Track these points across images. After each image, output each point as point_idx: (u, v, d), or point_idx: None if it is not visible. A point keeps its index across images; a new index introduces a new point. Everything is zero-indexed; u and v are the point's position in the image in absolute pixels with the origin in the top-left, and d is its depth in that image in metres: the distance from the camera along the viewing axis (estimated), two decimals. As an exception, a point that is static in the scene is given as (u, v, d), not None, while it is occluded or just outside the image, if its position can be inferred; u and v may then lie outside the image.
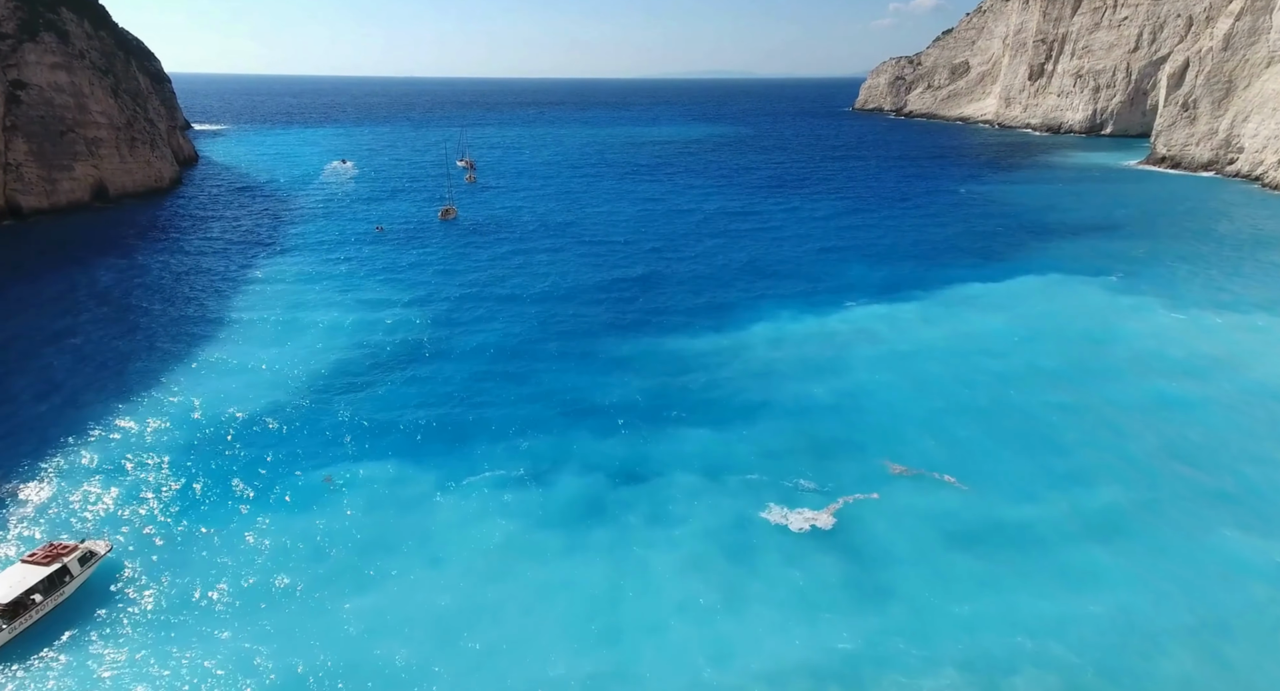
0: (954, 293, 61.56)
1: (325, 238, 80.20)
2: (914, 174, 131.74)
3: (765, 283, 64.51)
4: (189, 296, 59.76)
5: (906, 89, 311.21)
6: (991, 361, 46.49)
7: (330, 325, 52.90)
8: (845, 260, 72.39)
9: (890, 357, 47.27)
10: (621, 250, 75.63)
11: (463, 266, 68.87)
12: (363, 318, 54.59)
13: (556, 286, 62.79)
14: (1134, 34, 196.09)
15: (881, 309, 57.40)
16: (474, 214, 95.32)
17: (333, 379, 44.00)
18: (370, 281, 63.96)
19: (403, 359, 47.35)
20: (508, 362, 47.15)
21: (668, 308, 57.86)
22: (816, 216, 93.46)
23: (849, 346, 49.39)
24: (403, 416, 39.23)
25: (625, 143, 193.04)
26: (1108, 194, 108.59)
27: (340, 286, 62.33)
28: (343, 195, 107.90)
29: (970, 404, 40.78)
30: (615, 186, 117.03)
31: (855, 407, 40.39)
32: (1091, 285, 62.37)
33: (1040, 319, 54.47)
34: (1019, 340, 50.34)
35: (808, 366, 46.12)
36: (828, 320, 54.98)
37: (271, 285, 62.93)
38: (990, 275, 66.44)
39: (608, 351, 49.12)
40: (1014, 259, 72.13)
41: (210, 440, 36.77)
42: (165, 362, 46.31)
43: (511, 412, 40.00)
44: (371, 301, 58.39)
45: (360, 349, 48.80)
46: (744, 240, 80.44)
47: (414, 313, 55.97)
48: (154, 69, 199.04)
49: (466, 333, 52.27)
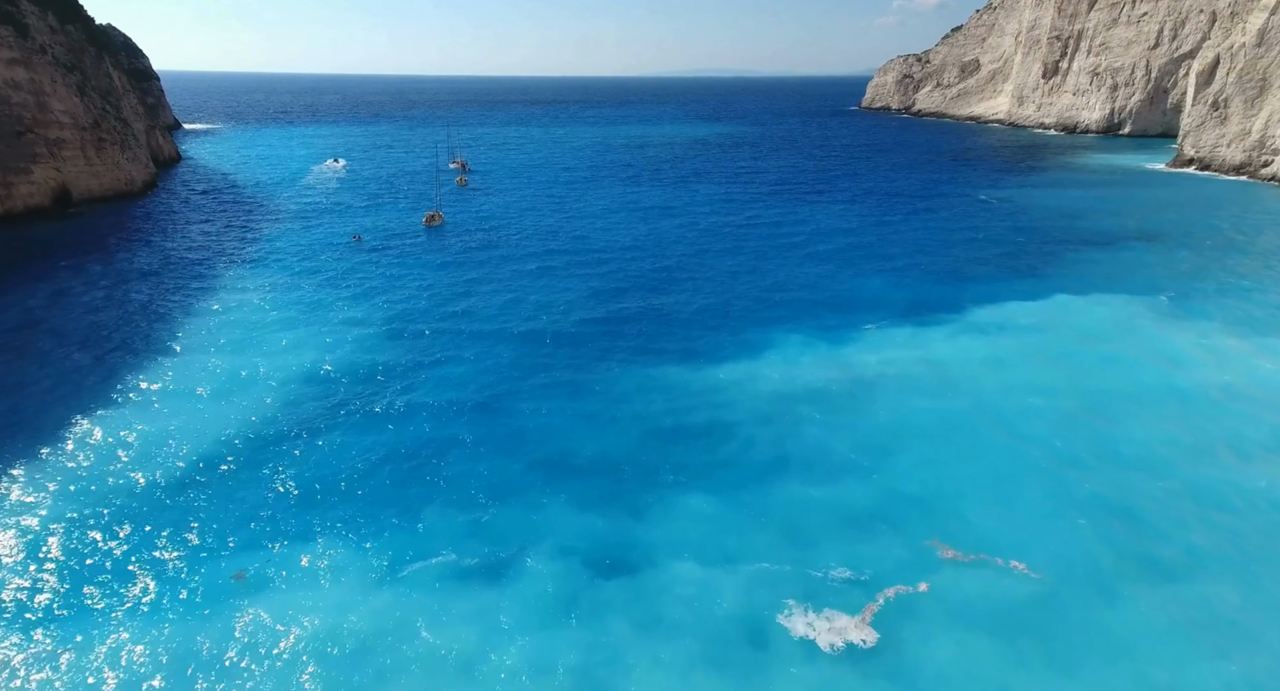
0: (986, 314, 55.08)
1: (298, 248, 74.00)
2: (929, 177, 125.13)
3: (774, 301, 58.11)
4: (132, 320, 53.54)
5: (914, 87, 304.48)
6: (1045, 404, 39.85)
7: (285, 355, 46.66)
8: (861, 274, 65.95)
9: (923, 397, 40.79)
10: (618, 263, 69.16)
11: (443, 283, 62.54)
12: (324, 345, 48.32)
13: (545, 306, 56.44)
14: (1154, 30, 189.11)
15: (906, 334, 50.95)
16: (462, 220, 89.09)
17: (275, 425, 37.70)
18: (339, 300, 57.69)
19: (361, 397, 41.09)
20: (481, 401, 40.84)
21: (666, 332, 51.48)
22: (829, 224, 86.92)
23: (872, 383, 42.94)
24: (347, 478, 32.90)
25: (627, 143, 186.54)
26: (1138, 199, 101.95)
27: (305, 306, 56.09)
28: (325, 198, 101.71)
29: (1029, 462, 34.08)
30: (615, 190, 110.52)
31: (887, 465, 33.92)
32: (1140, 306, 55.80)
33: (1090, 349, 47.88)
34: (1071, 375, 43.67)
35: (826, 409, 39.68)
36: (846, 348, 48.56)
37: (228, 305, 56.72)
38: (1023, 292, 59.96)
39: (596, 387, 42.81)
40: (1047, 274, 65.63)
41: (101, 515, 30.16)
42: (77, 404, 39.92)
43: (478, 470, 33.69)
44: (336, 324, 52.14)
45: (314, 384, 42.55)
46: (751, 251, 73.95)
47: (382, 339, 49.70)
48: (140, 66, 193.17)
49: (439, 363, 46.00)
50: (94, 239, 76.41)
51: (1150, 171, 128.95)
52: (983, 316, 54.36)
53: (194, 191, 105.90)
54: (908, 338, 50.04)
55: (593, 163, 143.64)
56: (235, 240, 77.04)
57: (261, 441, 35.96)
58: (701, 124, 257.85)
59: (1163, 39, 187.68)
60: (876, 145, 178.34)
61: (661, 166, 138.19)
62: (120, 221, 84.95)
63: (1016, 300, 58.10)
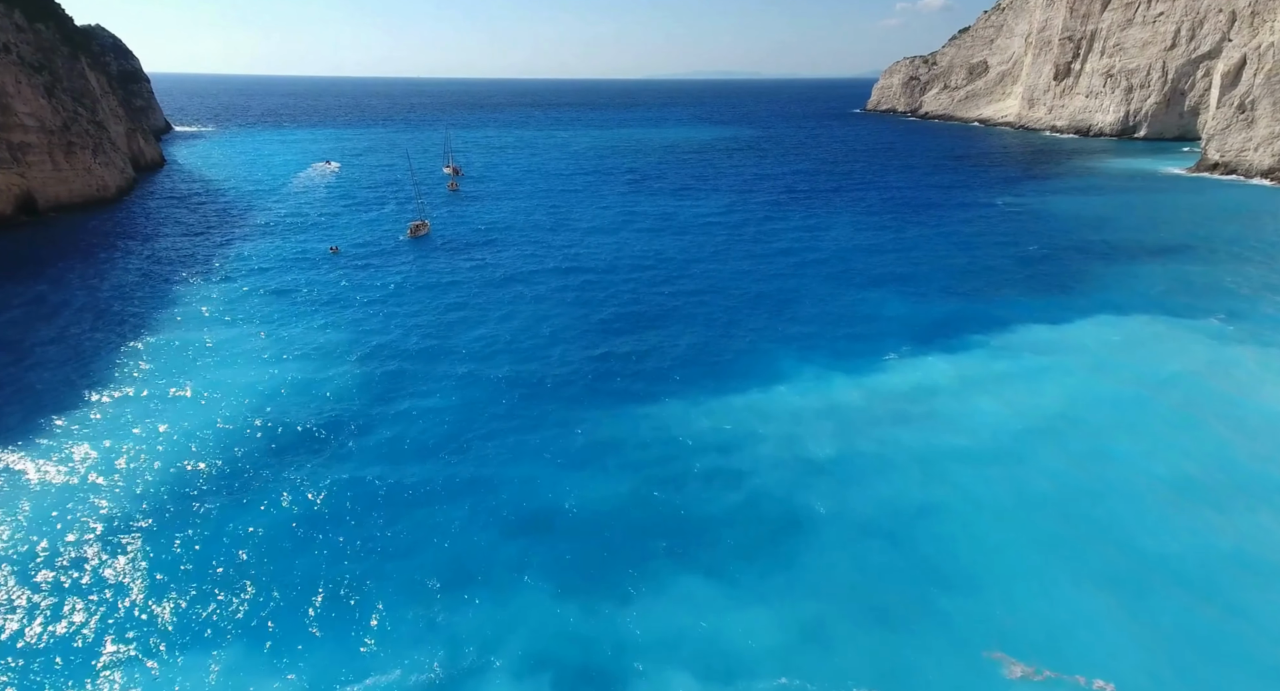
0: (1020, 339, 49.63)
1: (270, 262, 68.78)
2: (943, 182, 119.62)
3: (786, 324, 52.72)
4: (78, 342, 48.36)
5: (921, 89, 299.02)
6: (1113, 464, 34.12)
7: (234, 391, 41.39)
8: (878, 292, 60.53)
9: (960, 446, 35.39)
10: (615, 281, 63.61)
11: (419, 303, 57.18)
12: (279, 379, 43.06)
13: (530, 332, 51.07)
14: (1171, 31, 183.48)
15: (932, 363, 45.52)
16: (450, 230, 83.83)
17: (206, 482, 32.44)
18: (304, 324, 52.40)
19: (310, 445, 35.82)
20: (451, 449, 35.55)
21: (666, 361, 46.09)
22: (842, 235, 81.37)
23: (899, 425, 37.54)
24: (271, 559, 27.47)
25: (631, 146, 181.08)
26: (1166, 206, 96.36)
27: (266, 331, 50.81)
28: (307, 205, 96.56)
29: (1102, 541, 28.53)
30: (616, 198, 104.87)
31: (923, 538, 28.49)
32: (1192, 331, 50.28)
33: (1145, 384, 42.28)
34: (1139, 424, 37.77)
35: (846, 458, 34.29)
36: (865, 380, 43.16)
37: (182, 328, 51.52)
38: (1059, 314, 54.48)
39: (582, 429, 37.48)
40: (1081, 292, 60.15)
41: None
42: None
43: (438, 543, 28.37)
44: (297, 354, 46.84)
45: (260, 430, 37.26)
46: (759, 266, 68.44)
47: (345, 370, 44.41)
48: (129, 68, 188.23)
49: (406, 400, 40.71)
50: (52, 251, 71.32)
51: (1172, 176, 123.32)
52: (1017, 342, 48.91)
53: (172, 198, 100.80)
54: (935, 369, 44.60)
55: (593, 168, 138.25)
56: (205, 252, 71.86)
57: (189, 506, 30.68)
58: (706, 127, 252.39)
59: (1180, 39, 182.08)
60: (885, 149, 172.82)
61: (665, 172, 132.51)
62: (86, 231, 79.85)
63: (1052, 322, 52.64)
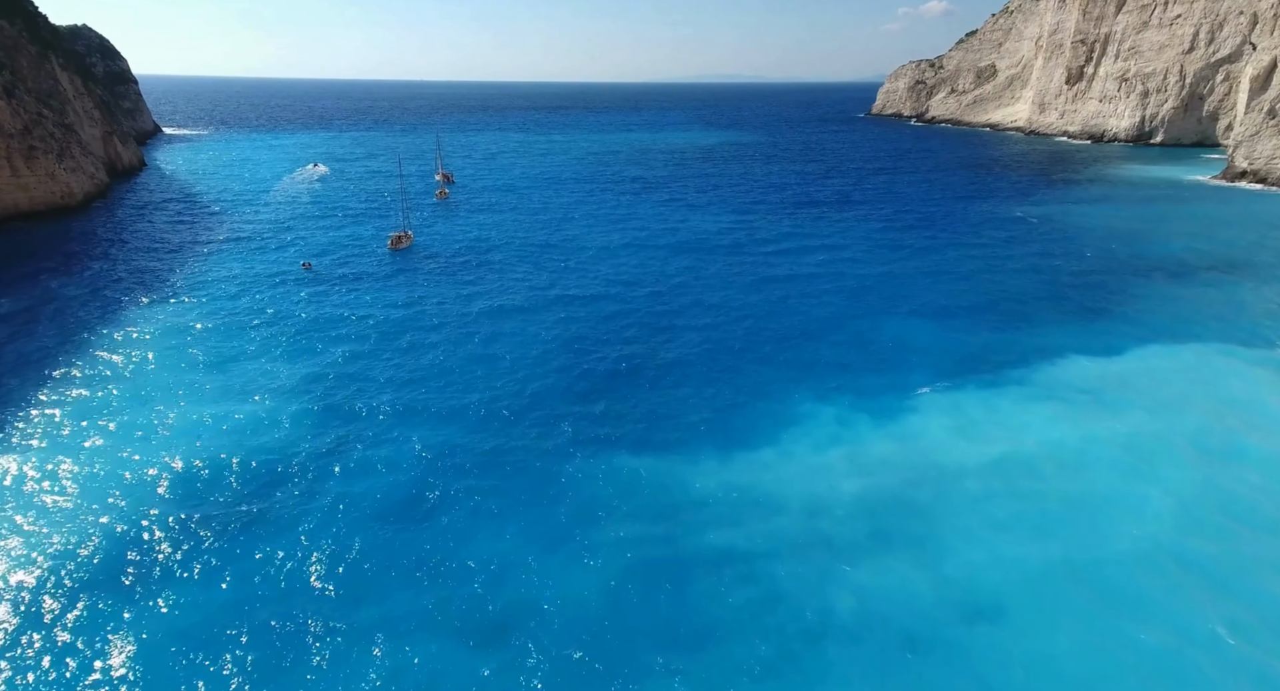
0: (1064, 374, 43.92)
1: (235, 279, 63.21)
2: (958, 192, 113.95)
3: (798, 355, 47.01)
4: (6, 377, 42.86)
5: (928, 94, 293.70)
6: (1203, 522, 28.68)
7: (159, 440, 35.77)
8: (901, 317, 54.83)
9: (1014, 518, 29.68)
10: (612, 306, 57.29)
11: (390, 333, 50.81)
12: (216, 424, 37.43)
13: (510, 368, 45.18)
14: (1188, 33, 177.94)
15: (969, 406, 39.84)
16: (435, 242, 78.25)
17: (98, 566, 26.88)
18: (258, 355, 46.65)
19: (238, 513, 30.24)
20: (407, 517, 29.95)
21: (665, 403, 40.28)
22: (857, 252, 75.36)
23: (937, 488, 31.83)
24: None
25: (634, 151, 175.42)
26: (1197, 218, 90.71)
27: (213, 363, 45.10)
28: (287, 214, 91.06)
29: (1209, 658, 22.92)
30: (616, 208, 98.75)
31: (985, 658, 22.84)
32: (1259, 366, 44.59)
33: (1218, 431, 36.69)
34: (1216, 476, 32.43)
35: (879, 537, 28.59)
36: (893, 426, 37.51)
37: (127, 357, 45.95)
38: (1103, 343, 48.75)
39: (565, 492, 31.84)
40: (1125, 316, 54.49)
41: None
42: None
43: (377, 662, 22.76)
44: (245, 393, 41.14)
45: (180, 491, 31.64)
46: (770, 288, 62.12)
47: (295, 413, 38.73)
48: (116, 69, 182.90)
49: (361, 450, 35.10)
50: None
51: (1197, 185, 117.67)
52: (1062, 378, 43.20)
53: (144, 206, 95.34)
54: (974, 413, 38.90)
55: (593, 175, 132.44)
56: (165, 268, 66.33)
57: (50, 597, 25.08)
58: (711, 131, 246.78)
59: (1198, 43, 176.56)
60: (895, 155, 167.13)
61: (668, 180, 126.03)
62: (40, 242, 74.31)
63: (1097, 353, 46.94)
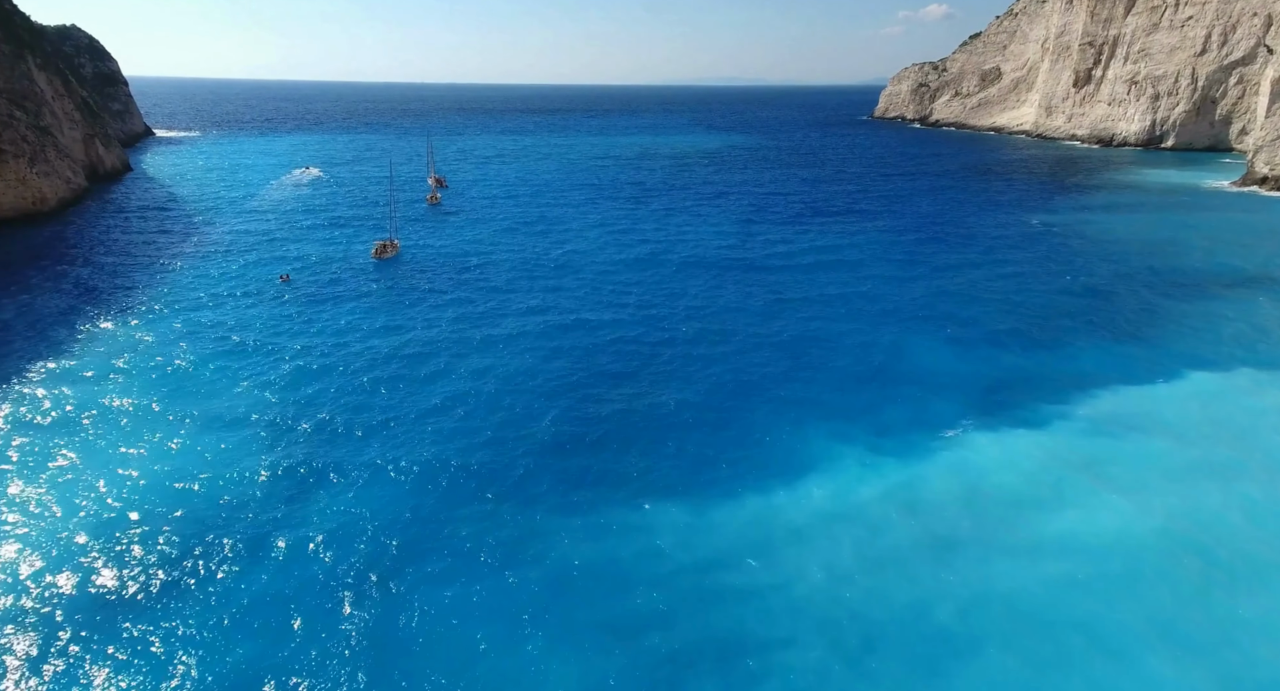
0: (1106, 406, 39.80)
1: (206, 293, 59.18)
2: (969, 198, 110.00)
3: (810, 386, 42.84)
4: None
5: (931, 96, 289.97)
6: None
7: (105, 477, 31.82)
8: (921, 337, 50.72)
9: (1074, 586, 25.63)
10: (607, 327, 52.68)
11: (362, 358, 46.06)
12: (161, 465, 33.29)
13: (494, 399, 40.75)
14: (1200, 35, 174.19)
15: (1004, 444, 35.73)
16: (422, 252, 74.25)
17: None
18: (218, 382, 42.56)
19: (169, 580, 26.23)
20: (359, 590, 25.90)
21: (662, 446, 36.06)
22: (869, 264, 70.91)
23: (979, 552, 27.76)
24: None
25: (635, 154, 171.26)
26: (1222, 227, 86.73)
27: (167, 391, 40.92)
28: (270, 220, 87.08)
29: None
30: (615, 216, 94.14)
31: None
32: (1320, 396, 40.68)
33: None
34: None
35: (914, 620, 24.52)
36: (919, 470, 33.43)
37: (80, 379, 41.93)
38: (1144, 369, 44.66)
39: (546, 553, 27.79)
40: (1163, 339, 50.41)
41: None
42: None
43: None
44: (199, 425, 37.02)
45: (107, 550, 27.66)
46: (777, 307, 57.42)
47: (250, 452, 34.66)
48: (106, 70, 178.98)
49: (319, 498, 31.05)
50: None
51: (1217, 191, 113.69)
52: (1104, 411, 39.14)
53: (122, 211, 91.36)
54: (1011, 453, 34.83)
55: (591, 180, 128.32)
56: (132, 279, 62.34)
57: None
58: (712, 134, 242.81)
59: (1210, 45, 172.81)
60: (901, 159, 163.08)
61: (669, 185, 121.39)
62: (6, 250, 70.35)
63: (1139, 380, 42.92)
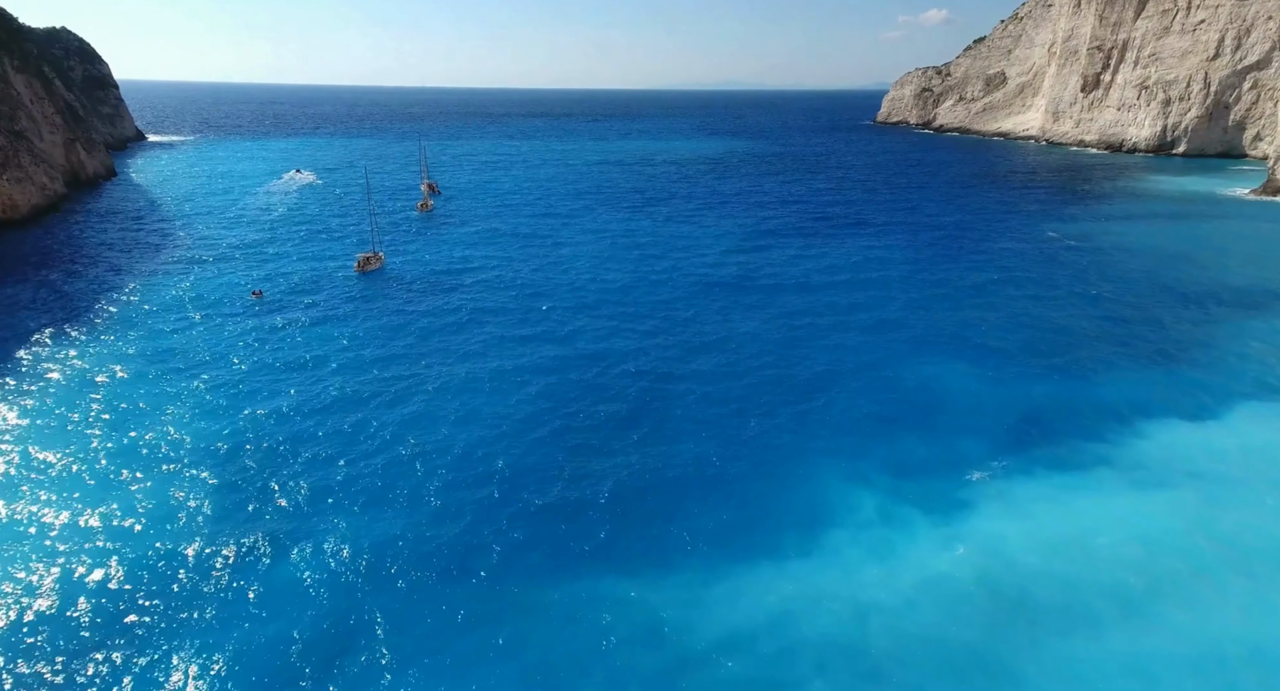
0: (1154, 444, 35.73)
1: (171, 311, 55.21)
2: (980, 207, 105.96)
3: (823, 421, 38.65)
4: None
5: (935, 101, 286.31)
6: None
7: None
8: (941, 362, 46.56)
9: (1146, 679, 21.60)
10: (606, 360, 47.76)
11: (332, 392, 41.33)
12: (87, 525, 29.41)
13: (478, 450, 36.09)
14: (1213, 39, 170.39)
15: (1043, 490, 31.68)
16: (408, 266, 70.21)
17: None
18: (166, 419, 38.34)
19: (96, 652, 22.24)
20: (304, 666, 21.91)
21: (663, 499, 31.93)
22: (880, 279, 66.22)
23: (1024, 633, 23.75)
24: None
25: (637, 160, 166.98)
26: (1247, 239, 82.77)
27: (105, 431, 36.81)
28: (253, 229, 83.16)
29: None
30: (615, 227, 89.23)
31: None
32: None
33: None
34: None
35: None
36: (953, 526, 29.36)
37: (14, 413, 37.95)
38: (1194, 402, 40.30)
39: (526, 637, 23.77)
40: (1205, 361, 46.34)
41: None
42: None
43: None
44: (136, 473, 32.94)
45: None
46: (786, 328, 53.19)
47: (192, 505, 30.61)
48: (96, 73, 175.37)
49: (269, 564, 27.05)
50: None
51: (1235, 200, 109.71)
52: (1152, 450, 35.06)
53: (99, 220, 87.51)
54: (1050, 501, 30.77)
55: (592, 187, 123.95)
56: (92, 294, 58.38)
57: None
58: (715, 139, 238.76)
59: (1224, 49, 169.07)
60: (907, 166, 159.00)
61: (672, 195, 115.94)
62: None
63: (1186, 413, 38.85)
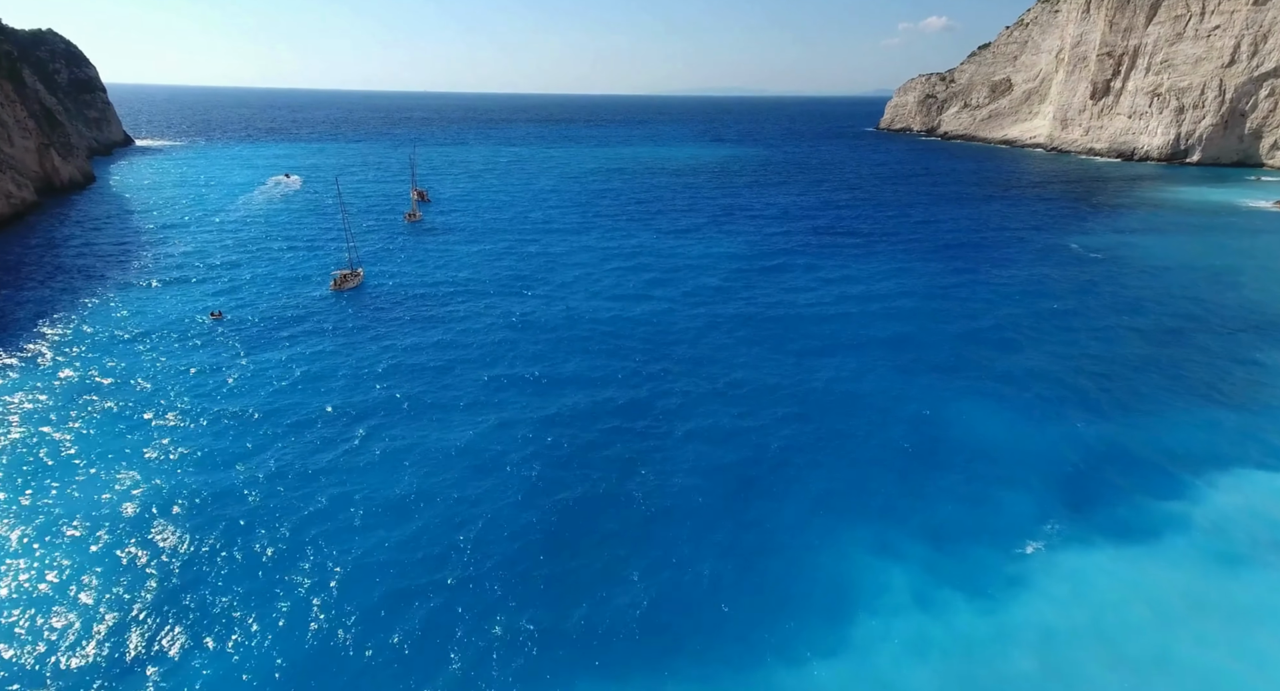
0: (1229, 508, 30.85)
1: (124, 331, 50.42)
2: (992, 216, 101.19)
3: (846, 474, 33.79)
4: None
5: (939, 108, 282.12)
6: None
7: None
8: (976, 402, 41.38)
9: None
10: (601, 399, 42.26)
11: (293, 434, 36.73)
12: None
13: (454, 513, 31.28)
14: (1228, 46, 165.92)
15: (1110, 572, 26.82)
16: (389, 284, 65.34)
17: None
18: (109, 457, 33.68)
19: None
20: None
21: (666, 577, 27.09)
22: (901, 304, 59.94)
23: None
24: None
25: (638, 167, 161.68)
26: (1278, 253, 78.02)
27: (26, 476, 32.27)
28: (227, 240, 78.42)
29: None
30: (614, 242, 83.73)
31: None
32: None
33: None
34: None
35: None
36: (1001, 617, 24.49)
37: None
38: (1257, 451, 35.62)
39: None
40: (1260, 398, 41.50)
41: None
42: None
43: None
44: (73, 516, 28.26)
45: None
46: (802, 364, 47.60)
47: (130, 577, 25.85)
48: (83, 76, 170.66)
49: (207, 641, 22.21)
50: None
51: (1260, 211, 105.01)
52: (1226, 512, 30.16)
53: (66, 230, 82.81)
54: (1121, 589, 25.86)
55: (591, 196, 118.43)
56: (39, 311, 53.58)
57: None
58: (717, 146, 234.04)
59: (1240, 55, 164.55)
60: (915, 175, 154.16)
61: (674, 207, 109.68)
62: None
63: (1254, 464, 33.96)
